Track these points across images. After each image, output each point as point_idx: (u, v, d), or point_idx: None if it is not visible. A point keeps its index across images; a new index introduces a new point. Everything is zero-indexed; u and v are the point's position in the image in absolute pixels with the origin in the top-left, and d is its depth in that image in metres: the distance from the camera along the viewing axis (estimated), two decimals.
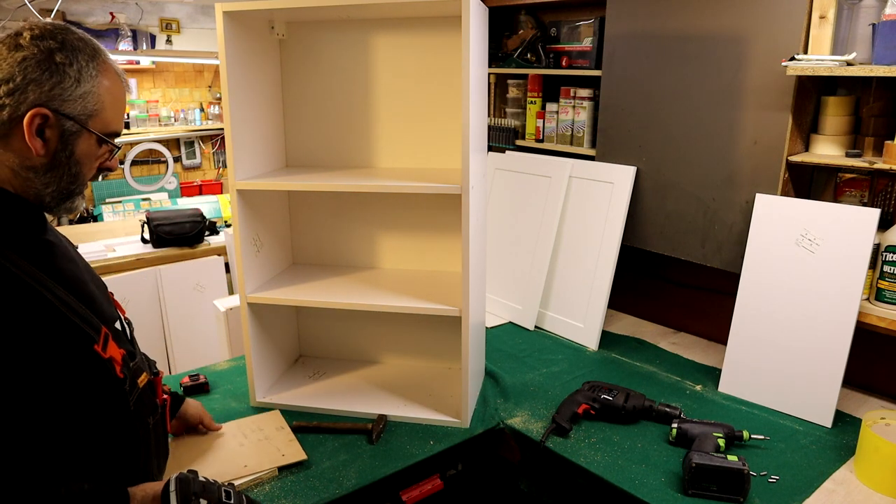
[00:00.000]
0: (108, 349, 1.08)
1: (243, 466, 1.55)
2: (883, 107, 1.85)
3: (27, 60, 1.00)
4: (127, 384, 1.12)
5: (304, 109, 2.00)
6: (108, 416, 1.09)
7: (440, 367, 2.12)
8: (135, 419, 1.14)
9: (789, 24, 1.81)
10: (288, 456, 1.59)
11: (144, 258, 3.35)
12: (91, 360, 1.06)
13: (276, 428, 1.72)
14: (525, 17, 2.75)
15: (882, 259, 1.76)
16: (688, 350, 2.27)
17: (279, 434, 1.70)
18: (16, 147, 1.03)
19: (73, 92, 1.04)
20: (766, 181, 1.93)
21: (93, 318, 1.08)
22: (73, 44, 1.04)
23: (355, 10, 1.73)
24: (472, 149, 1.64)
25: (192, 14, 6.60)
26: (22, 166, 1.04)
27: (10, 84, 1.00)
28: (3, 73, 1.00)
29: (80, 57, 1.05)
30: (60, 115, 1.03)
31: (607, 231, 2.25)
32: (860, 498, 1.49)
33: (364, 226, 2.07)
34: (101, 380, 1.08)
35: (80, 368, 1.04)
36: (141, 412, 1.16)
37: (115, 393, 1.10)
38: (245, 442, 1.66)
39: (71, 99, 1.04)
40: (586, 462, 1.62)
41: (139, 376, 1.16)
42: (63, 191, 1.09)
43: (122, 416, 1.12)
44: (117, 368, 1.10)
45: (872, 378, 1.96)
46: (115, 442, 1.11)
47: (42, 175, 1.06)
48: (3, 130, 1.02)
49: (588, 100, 2.47)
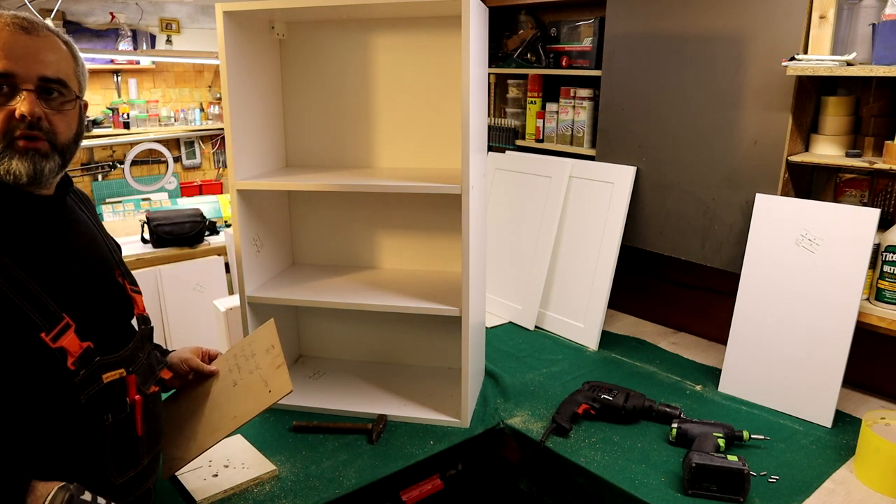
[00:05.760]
0: (60, 339, 1.08)
1: (232, 418, 1.45)
2: (883, 107, 1.85)
3: None
4: (79, 377, 1.10)
5: (304, 109, 2.00)
6: (50, 407, 1.09)
7: (440, 367, 2.12)
8: (85, 414, 1.12)
9: (789, 24, 1.81)
10: (274, 391, 1.45)
11: (144, 258, 3.35)
12: (34, 347, 1.06)
13: (266, 349, 1.55)
14: (525, 17, 2.75)
15: (882, 259, 1.76)
16: (688, 350, 2.27)
17: (267, 358, 1.53)
18: None
19: None
20: (766, 181, 1.93)
21: (50, 306, 1.07)
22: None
23: (355, 10, 1.73)
24: (472, 149, 1.64)
25: (192, 14, 6.60)
26: None
27: None
28: None
29: None
30: None
31: (607, 231, 2.25)
32: (860, 498, 1.49)
33: (364, 226, 2.07)
34: (43, 368, 1.07)
35: (18, 353, 1.05)
36: (95, 408, 1.14)
37: (61, 384, 1.09)
38: (239, 379, 1.52)
39: None
40: (586, 462, 1.62)
41: (106, 371, 1.15)
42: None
43: (69, 409, 1.11)
44: (69, 360, 1.09)
45: (872, 378, 1.96)
46: (55, 431, 1.10)
47: None
48: None
49: (588, 100, 2.47)
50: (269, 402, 1.43)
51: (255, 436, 1.73)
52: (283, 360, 1.49)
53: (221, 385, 1.52)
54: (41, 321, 1.06)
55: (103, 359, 1.15)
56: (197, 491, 1.49)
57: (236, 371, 1.54)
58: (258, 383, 1.48)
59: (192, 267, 3.30)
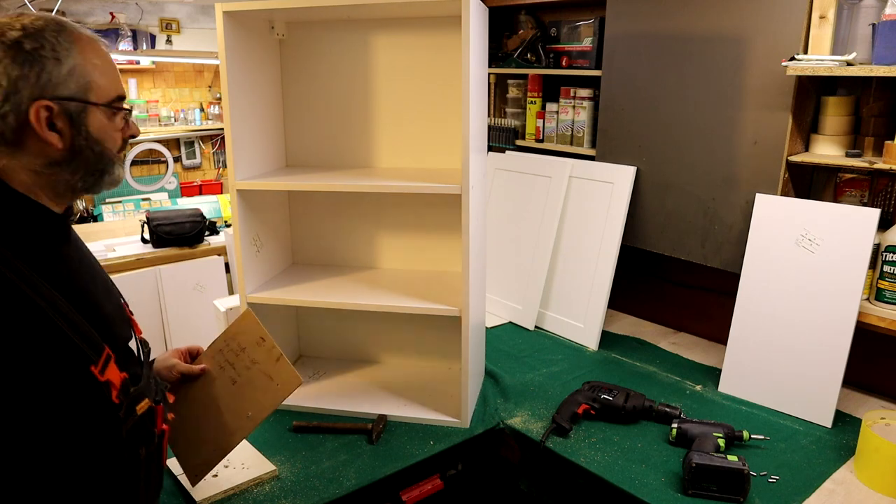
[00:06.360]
0: (106, 372, 1.01)
1: (247, 418, 1.43)
2: (883, 107, 1.85)
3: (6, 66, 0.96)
4: (122, 410, 1.04)
5: (304, 109, 2.00)
6: (94, 443, 1.01)
7: (440, 367, 2.12)
8: (125, 449, 1.06)
9: (789, 24, 1.81)
10: (283, 385, 1.43)
11: (144, 258, 3.35)
12: (85, 381, 0.98)
13: (256, 343, 1.50)
14: (525, 17, 2.75)
15: (882, 259, 1.76)
16: (688, 350, 2.27)
17: (261, 352, 1.48)
18: (33, 148, 0.99)
19: (59, 73, 0.99)
20: (766, 181, 1.93)
21: (95, 338, 1.01)
22: (33, 26, 0.99)
23: (355, 10, 1.73)
24: (472, 149, 1.64)
25: (192, 14, 6.60)
26: (45, 164, 1.01)
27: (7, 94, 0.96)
28: None
29: (48, 35, 0.99)
30: (60, 101, 0.99)
31: (607, 231, 2.25)
32: (860, 498, 1.49)
33: (364, 226, 2.07)
34: (92, 403, 1.00)
35: (71, 388, 0.97)
36: (134, 441, 1.08)
37: (106, 418, 1.02)
38: (237, 377, 1.48)
39: (61, 81, 0.99)
40: (586, 462, 1.62)
41: (139, 402, 1.09)
42: (93, 172, 1.05)
43: (111, 444, 1.03)
44: (113, 393, 1.02)
45: (872, 378, 1.96)
46: (98, 471, 1.03)
47: (67, 165, 1.02)
48: (16, 136, 0.98)
49: (588, 100, 2.47)
50: (282, 397, 1.42)
51: (254, 436, 1.72)
52: (280, 352, 1.46)
53: (221, 385, 1.49)
54: (91, 353, 0.99)
55: (135, 389, 1.09)
56: (197, 491, 1.49)
57: (230, 368, 1.49)
58: (261, 379, 1.45)
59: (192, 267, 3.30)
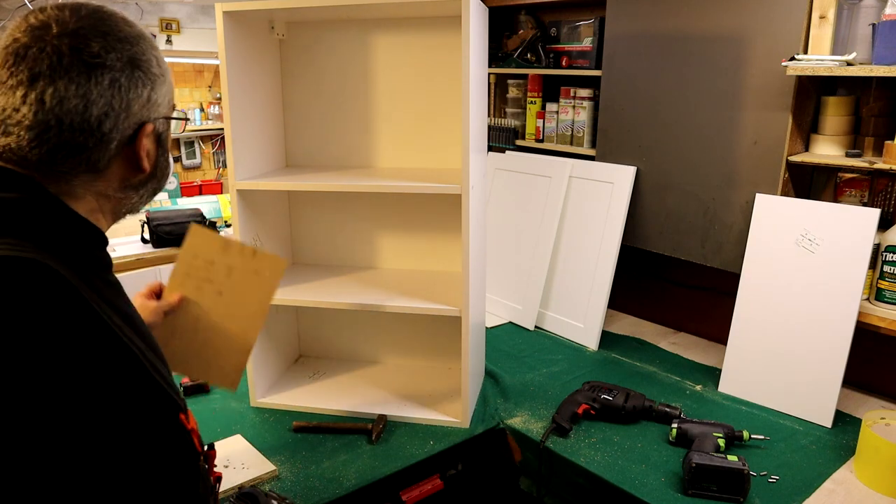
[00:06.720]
0: (190, 419, 0.86)
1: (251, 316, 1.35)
2: (883, 107, 1.85)
3: (116, 82, 0.81)
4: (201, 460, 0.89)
5: (304, 109, 2.00)
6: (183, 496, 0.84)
7: (440, 367, 2.12)
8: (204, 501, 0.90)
9: (789, 24, 1.81)
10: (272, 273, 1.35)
11: (144, 258, 3.35)
12: (176, 431, 0.82)
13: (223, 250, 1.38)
14: (525, 17, 2.75)
15: (882, 259, 1.76)
16: (688, 350, 2.27)
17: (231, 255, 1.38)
18: (116, 173, 0.86)
19: (163, 90, 0.88)
20: (766, 181, 1.93)
21: (173, 382, 0.86)
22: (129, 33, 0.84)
23: (355, 10, 1.73)
24: (472, 149, 1.64)
25: (192, 14, 6.60)
26: (119, 188, 0.88)
27: (111, 116, 0.81)
28: (99, 107, 0.79)
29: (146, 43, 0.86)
30: (158, 121, 0.88)
31: (607, 231, 2.25)
32: (860, 498, 1.49)
33: (364, 226, 2.07)
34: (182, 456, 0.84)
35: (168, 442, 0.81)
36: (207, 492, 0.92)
37: (192, 471, 0.86)
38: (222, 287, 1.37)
39: (162, 99, 0.88)
40: (586, 462, 1.62)
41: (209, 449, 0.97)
42: (155, 191, 0.95)
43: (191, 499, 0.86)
44: (196, 441, 0.87)
45: (872, 378, 1.96)
46: None
47: (141, 188, 0.91)
48: (108, 163, 0.84)
49: (588, 100, 2.47)
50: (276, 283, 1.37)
51: (254, 436, 1.73)
52: (252, 246, 1.40)
53: (209, 301, 1.38)
54: (177, 398, 0.83)
55: None
56: None
57: (208, 284, 1.38)
58: (248, 277, 1.38)
59: None
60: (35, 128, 0.78)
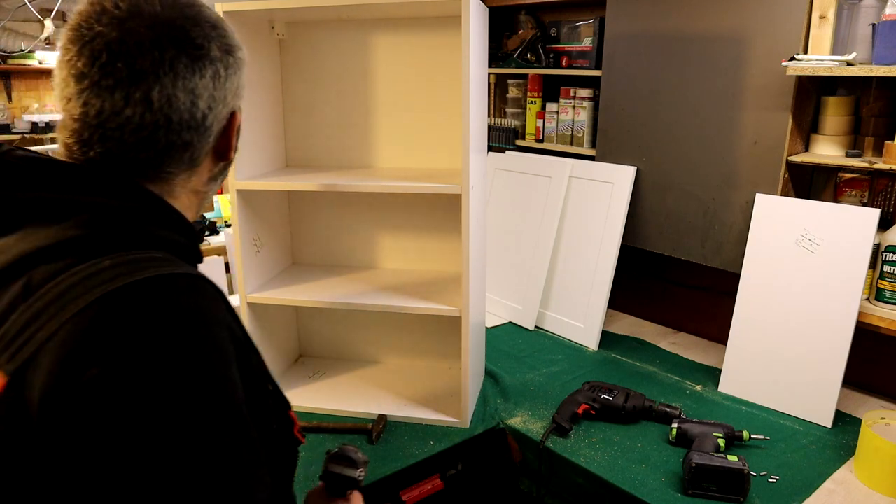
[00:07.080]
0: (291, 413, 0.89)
1: None
2: (883, 107, 1.85)
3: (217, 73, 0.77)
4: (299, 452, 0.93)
5: (304, 109, 2.00)
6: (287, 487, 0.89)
7: (440, 367, 2.12)
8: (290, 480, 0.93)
9: (789, 24, 1.81)
10: None
11: None
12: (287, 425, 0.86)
13: None
14: (525, 17, 2.75)
15: (882, 259, 1.76)
16: (688, 350, 2.27)
17: None
18: (207, 165, 0.83)
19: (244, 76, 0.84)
20: (766, 181, 1.93)
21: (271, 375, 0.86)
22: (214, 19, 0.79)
23: (355, 10, 1.73)
24: (472, 149, 1.64)
25: None
26: (207, 181, 0.85)
27: (213, 108, 0.78)
28: (204, 101, 0.76)
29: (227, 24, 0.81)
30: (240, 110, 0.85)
31: (607, 231, 2.25)
32: (860, 498, 1.49)
33: (364, 226, 2.07)
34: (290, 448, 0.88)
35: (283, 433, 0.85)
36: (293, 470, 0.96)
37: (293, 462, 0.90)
38: None
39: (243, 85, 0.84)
40: (586, 462, 1.62)
41: None
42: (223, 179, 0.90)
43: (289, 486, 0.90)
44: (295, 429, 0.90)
45: (872, 378, 1.96)
46: None
47: (220, 176, 0.87)
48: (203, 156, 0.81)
49: (588, 100, 2.47)
50: None
51: None
52: None
53: None
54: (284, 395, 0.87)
55: None
56: None
57: None
58: None
59: None
60: (142, 130, 0.72)
